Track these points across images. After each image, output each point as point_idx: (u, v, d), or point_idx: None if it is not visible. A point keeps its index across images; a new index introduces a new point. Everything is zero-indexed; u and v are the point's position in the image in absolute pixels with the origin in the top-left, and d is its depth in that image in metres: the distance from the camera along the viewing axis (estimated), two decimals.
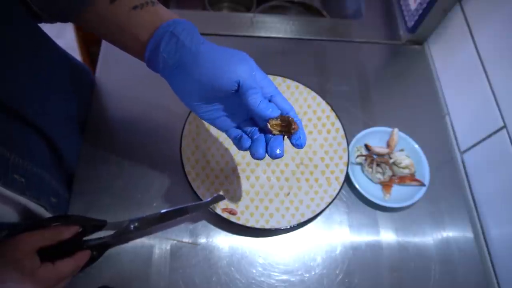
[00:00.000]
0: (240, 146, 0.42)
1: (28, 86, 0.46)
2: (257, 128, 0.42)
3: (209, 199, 0.54)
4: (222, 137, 0.63)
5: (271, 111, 0.38)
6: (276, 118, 0.39)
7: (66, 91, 0.58)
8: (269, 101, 0.40)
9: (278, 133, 0.40)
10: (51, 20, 0.45)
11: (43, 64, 0.50)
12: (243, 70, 0.38)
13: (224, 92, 0.39)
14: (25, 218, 0.48)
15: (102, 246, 0.50)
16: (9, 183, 0.41)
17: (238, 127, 0.44)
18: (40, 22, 0.46)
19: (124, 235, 0.52)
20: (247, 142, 0.41)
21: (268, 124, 0.40)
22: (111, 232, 0.51)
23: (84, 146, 0.62)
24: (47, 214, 0.50)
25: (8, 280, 0.38)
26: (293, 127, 0.39)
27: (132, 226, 0.51)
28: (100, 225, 0.49)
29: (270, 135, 0.41)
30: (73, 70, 0.61)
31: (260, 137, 0.41)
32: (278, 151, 0.39)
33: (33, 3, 0.42)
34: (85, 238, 0.49)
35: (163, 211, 0.53)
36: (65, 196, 0.57)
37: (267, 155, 0.40)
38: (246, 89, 0.38)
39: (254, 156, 0.40)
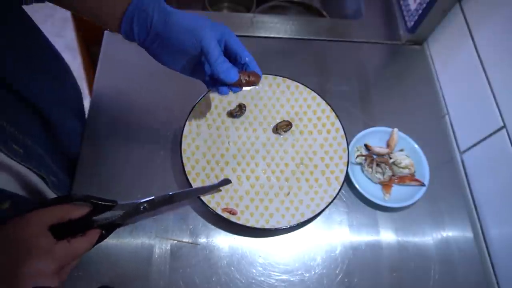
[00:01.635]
0: (207, 87, 0.52)
1: (15, 59, 0.46)
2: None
3: (216, 183, 0.56)
4: (222, 137, 0.63)
5: (227, 76, 0.46)
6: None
7: (54, 72, 0.58)
8: (225, 45, 0.48)
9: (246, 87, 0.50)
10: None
11: (32, 46, 0.51)
12: (202, 34, 0.44)
13: (193, 53, 0.46)
14: (27, 190, 0.48)
15: (111, 225, 0.50)
16: (8, 151, 0.42)
17: (209, 75, 0.51)
18: (22, 4, 0.47)
19: (133, 215, 0.52)
20: (211, 88, 0.51)
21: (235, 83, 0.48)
22: (120, 212, 0.51)
23: (84, 145, 0.62)
24: (49, 191, 0.51)
25: (25, 257, 0.37)
26: (254, 84, 0.49)
27: (141, 207, 0.52)
28: (110, 205, 0.49)
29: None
30: (57, 57, 0.61)
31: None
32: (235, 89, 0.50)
33: None
34: (94, 218, 0.49)
35: (171, 193, 0.53)
36: (65, 180, 0.57)
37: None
38: (205, 53, 0.45)
39: (219, 93, 0.50)
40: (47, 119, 0.52)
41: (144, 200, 0.52)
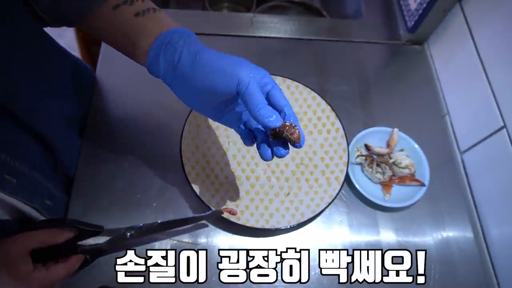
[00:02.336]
0: (245, 143, 0.45)
1: (26, 86, 0.46)
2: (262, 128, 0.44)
3: (208, 213, 0.54)
4: (222, 137, 0.63)
5: (272, 121, 0.38)
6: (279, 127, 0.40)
7: (66, 92, 0.58)
8: (267, 94, 0.40)
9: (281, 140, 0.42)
10: (57, 24, 0.45)
11: (44, 66, 0.50)
12: (241, 74, 0.37)
13: (225, 96, 0.40)
14: (18, 219, 0.47)
15: (97, 252, 0.49)
16: None
17: (244, 124, 0.45)
18: (46, 26, 0.46)
19: (119, 242, 0.51)
20: (250, 143, 0.44)
21: (271, 135, 0.41)
22: (106, 238, 0.50)
23: (84, 145, 0.62)
24: (41, 217, 0.50)
25: (2, 283, 0.37)
26: (295, 139, 0.40)
27: (128, 234, 0.51)
28: (96, 231, 0.49)
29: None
30: (74, 71, 0.60)
31: (264, 139, 0.42)
32: (282, 151, 0.41)
33: (38, 7, 0.42)
34: (79, 243, 0.48)
35: (160, 221, 0.52)
36: (62, 199, 0.56)
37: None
38: (245, 95, 0.37)
39: (262, 158, 0.42)
40: (47, 142, 0.51)
41: (132, 227, 0.51)
